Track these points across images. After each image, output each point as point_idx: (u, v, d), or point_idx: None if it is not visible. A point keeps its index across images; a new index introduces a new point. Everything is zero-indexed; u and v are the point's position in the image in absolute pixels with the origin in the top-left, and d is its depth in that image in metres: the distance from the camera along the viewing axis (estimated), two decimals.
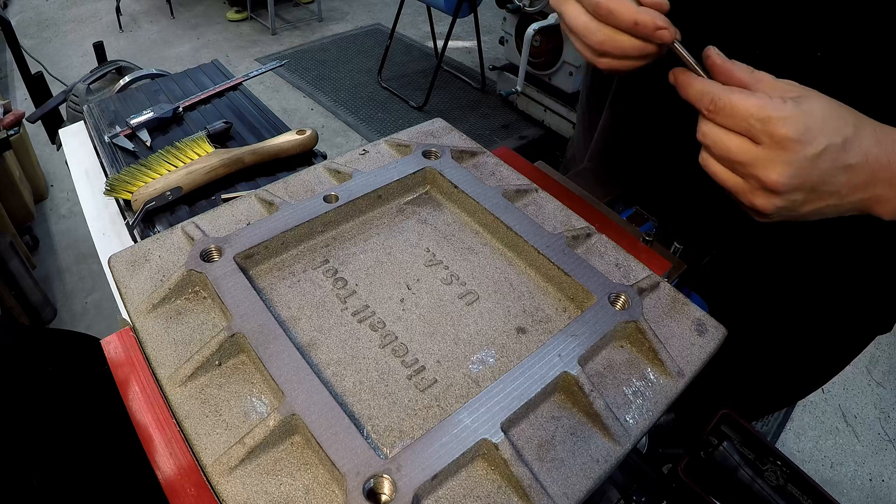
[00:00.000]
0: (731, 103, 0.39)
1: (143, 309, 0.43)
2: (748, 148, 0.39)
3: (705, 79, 0.41)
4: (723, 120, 0.40)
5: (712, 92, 0.40)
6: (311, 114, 2.84)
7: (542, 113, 2.61)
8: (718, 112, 0.40)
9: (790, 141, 0.37)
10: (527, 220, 0.50)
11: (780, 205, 0.40)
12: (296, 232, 0.49)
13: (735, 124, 0.39)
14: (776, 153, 0.37)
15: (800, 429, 1.69)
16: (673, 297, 0.47)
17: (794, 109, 0.37)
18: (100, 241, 0.72)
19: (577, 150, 0.90)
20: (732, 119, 0.39)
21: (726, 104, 0.39)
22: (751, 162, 0.39)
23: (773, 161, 0.38)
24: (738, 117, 0.38)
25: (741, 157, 0.39)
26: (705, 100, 0.40)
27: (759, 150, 0.38)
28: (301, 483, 0.34)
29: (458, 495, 0.34)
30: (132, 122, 0.81)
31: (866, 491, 1.56)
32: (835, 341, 0.73)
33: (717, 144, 0.40)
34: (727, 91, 0.39)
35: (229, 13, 3.68)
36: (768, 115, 0.37)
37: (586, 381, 0.39)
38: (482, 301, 0.47)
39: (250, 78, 0.96)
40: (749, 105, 0.38)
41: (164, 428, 0.38)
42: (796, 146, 0.37)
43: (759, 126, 0.38)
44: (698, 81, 0.41)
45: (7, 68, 3.02)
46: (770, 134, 0.37)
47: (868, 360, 1.86)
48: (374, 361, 0.42)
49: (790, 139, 0.37)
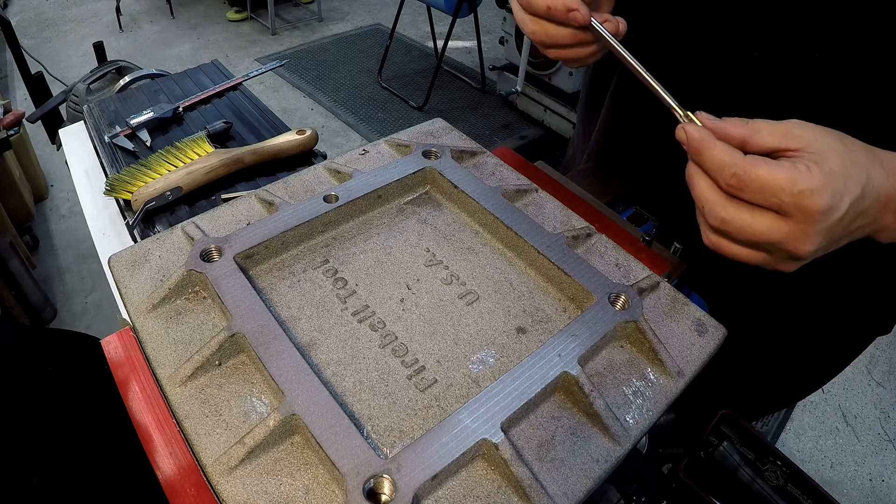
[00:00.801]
0: (760, 178, 0.35)
1: (143, 309, 0.43)
2: (778, 226, 0.36)
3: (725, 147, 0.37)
4: (748, 196, 0.36)
5: (735, 164, 0.36)
6: (311, 114, 2.84)
7: (542, 113, 2.61)
8: (744, 189, 0.36)
9: (823, 213, 0.35)
10: (527, 220, 0.50)
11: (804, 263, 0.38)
12: (296, 232, 0.49)
13: (763, 200, 0.36)
14: (809, 226, 0.35)
15: (800, 429, 1.69)
16: (673, 297, 0.47)
17: (821, 177, 0.35)
18: (100, 241, 0.72)
19: (576, 149, 0.90)
20: (761, 195, 0.35)
21: (753, 178, 0.35)
22: (781, 239, 0.36)
23: (805, 234, 0.36)
24: (768, 193, 0.35)
25: (770, 237, 0.36)
26: (726, 172, 0.36)
27: (789, 227, 0.36)
28: (301, 483, 0.34)
29: (458, 495, 0.34)
30: (132, 122, 0.81)
31: (866, 491, 1.56)
32: (835, 342, 0.73)
33: (744, 230, 0.37)
34: (752, 164, 0.36)
35: (229, 13, 3.68)
36: (801, 189, 0.34)
37: (586, 381, 0.39)
38: (482, 301, 0.47)
39: (250, 78, 0.96)
40: (779, 179, 0.35)
41: (164, 428, 0.38)
42: (828, 215, 0.35)
43: (790, 201, 0.35)
44: (718, 149, 0.37)
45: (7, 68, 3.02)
46: (804, 209, 0.35)
47: (868, 360, 1.86)
48: (374, 361, 0.42)
49: (823, 211, 0.35)
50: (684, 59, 0.61)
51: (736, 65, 0.56)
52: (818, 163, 0.35)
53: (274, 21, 3.51)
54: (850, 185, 0.35)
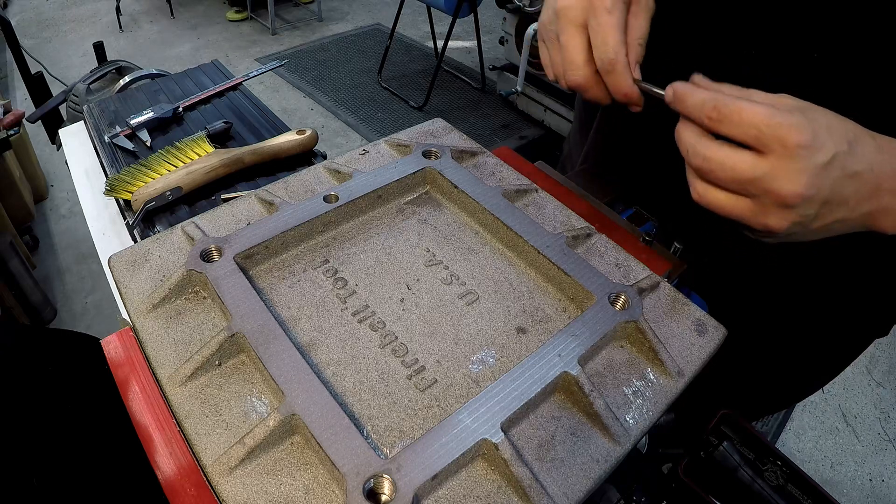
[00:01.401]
0: (739, 109, 0.36)
1: (143, 309, 0.43)
2: (757, 161, 0.36)
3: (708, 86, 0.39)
4: (727, 128, 0.37)
5: (716, 98, 0.37)
6: (311, 114, 2.84)
7: (542, 113, 2.61)
8: (723, 120, 0.37)
9: (802, 147, 0.35)
10: (527, 220, 0.50)
11: (793, 219, 0.37)
12: (296, 232, 0.49)
13: (742, 132, 0.36)
14: (789, 162, 0.35)
15: (800, 429, 1.69)
16: (673, 297, 0.47)
17: (801, 116, 0.35)
18: (100, 241, 0.72)
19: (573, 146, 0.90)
20: (739, 127, 0.36)
21: (732, 111, 0.36)
22: (762, 176, 0.36)
23: (786, 170, 0.35)
24: (746, 125, 0.36)
25: (751, 172, 0.36)
26: (707, 107, 0.37)
27: (769, 161, 0.36)
28: (301, 483, 0.34)
29: (458, 495, 0.34)
30: (132, 122, 0.81)
31: (866, 491, 1.56)
32: (833, 344, 0.73)
33: (724, 164, 0.37)
34: (731, 97, 0.37)
35: (229, 13, 3.68)
36: (778, 121, 0.35)
37: (586, 381, 0.39)
38: (482, 301, 0.47)
39: (250, 78, 0.96)
40: (758, 111, 0.35)
41: (164, 428, 0.38)
42: (808, 152, 0.35)
43: (768, 132, 0.35)
44: (700, 90, 0.38)
45: (7, 68, 3.02)
46: (781, 140, 0.35)
47: (868, 360, 1.86)
48: (374, 361, 0.42)
49: (802, 145, 0.35)
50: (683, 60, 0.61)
51: (735, 64, 0.56)
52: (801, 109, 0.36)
53: (274, 21, 3.51)
54: (834, 136, 0.36)
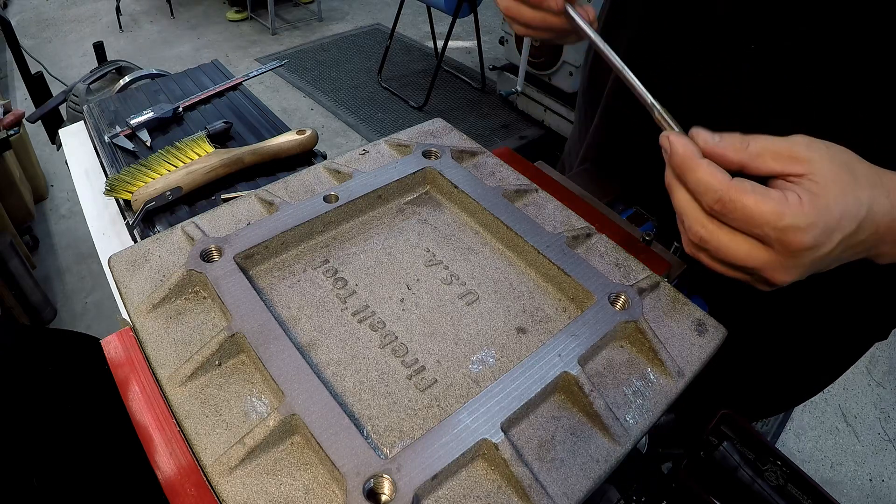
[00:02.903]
0: (745, 208, 0.34)
1: (143, 309, 0.43)
2: (758, 254, 0.35)
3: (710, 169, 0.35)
4: (731, 222, 0.35)
5: (720, 190, 0.34)
6: (311, 114, 2.84)
7: (542, 113, 2.61)
8: (727, 214, 0.35)
9: (806, 250, 0.34)
10: (527, 220, 0.50)
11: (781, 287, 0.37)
12: (296, 232, 0.49)
13: (746, 229, 0.35)
14: (789, 260, 0.34)
15: (800, 429, 1.69)
16: (673, 297, 0.47)
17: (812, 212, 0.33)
18: (100, 241, 0.72)
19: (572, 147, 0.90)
20: (744, 224, 0.34)
21: (738, 207, 0.34)
22: (761, 268, 0.35)
23: (785, 266, 0.35)
24: (752, 223, 0.34)
25: (749, 263, 0.35)
26: (709, 197, 0.35)
27: (769, 256, 0.35)
28: (301, 483, 0.34)
29: (458, 495, 0.34)
30: (132, 122, 0.81)
31: (866, 491, 1.56)
32: (833, 347, 0.73)
33: (722, 251, 0.36)
34: (739, 191, 0.34)
35: (229, 13, 3.68)
36: (786, 224, 0.33)
37: (586, 381, 0.39)
38: (482, 301, 0.47)
39: (250, 78, 0.96)
40: (765, 212, 0.33)
41: (164, 428, 0.38)
42: (812, 252, 0.34)
43: (773, 235, 0.33)
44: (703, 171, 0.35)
45: (7, 68, 3.02)
46: (787, 244, 0.33)
47: (868, 360, 1.86)
48: (374, 361, 0.42)
49: (807, 249, 0.33)
50: (683, 56, 0.61)
51: (735, 62, 0.56)
52: (814, 195, 0.33)
53: (274, 21, 3.51)
54: (844, 223, 0.34)
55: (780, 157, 0.35)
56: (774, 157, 0.35)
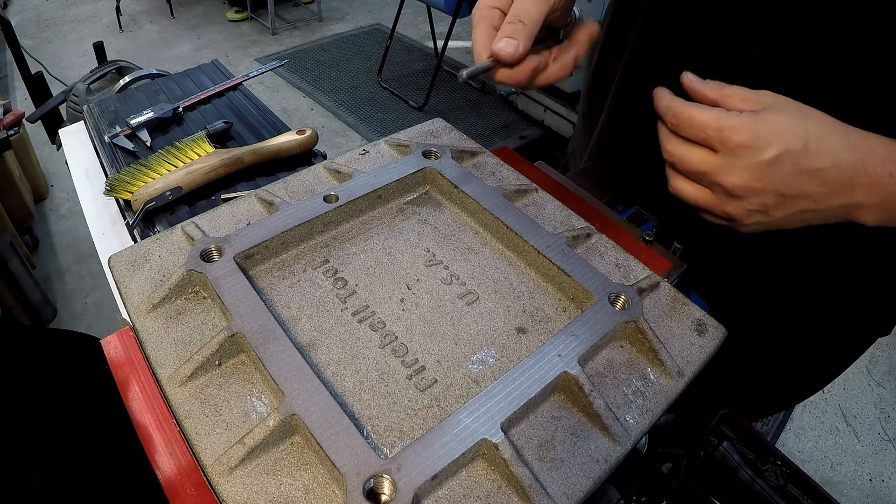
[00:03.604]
0: (690, 116, 0.42)
1: (143, 309, 0.43)
2: (707, 158, 0.42)
3: (671, 95, 0.45)
4: (683, 132, 0.43)
5: (674, 106, 0.44)
6: (311, 114, 2.84)
7: (542, 113, 2.61)
8: (679, 124, 0.43)
9: (742, 147, 0.40)
10: (527, 220, 0.50)
11: (749, 208, 0.42)
12: (296, 232, 0.49)
13: (694, 135, 0.42)
14: (732, 159, 0.41)
15: (800, 429, 1.69)
16: (673, 297, 0.47)
17: (746, 119, 0.40)
18: (100, 241, 0.72)
19: (576, 147, 0.90)
20: (692, 130, 0.42)
21: (685, 117, 0.42)
22: (711, 170, 0.42)
23: (730, 166, 0.41)
24: (697, 128, 0.42)
25: (702, 166, 0.43)
26: (668, 114, 0.44)
27: (717, 158, 0.42)
28: (301, 483, 0.34)
29: (458, 495, 0.34)
30: (132, 122, 0.81)
31: (866, 491, 1.56)
32: (835, 343, 0.73)
33: (682, 159, 0.44)
34: (687, 105, 0.43)
35: (229, 13, 3.68)
36: (721, 124, 0.41)
37: (586, 381, 0.39)
38: (482, 301, 0.47)
39: (250, 78, 0.96)
40: (705, 117, 0.41)
41: (164, 428, 0.38)
42: (749, 151, 0.40)
43: (714, 135, 0.41)
44: (666, 98, 0.44)
45: (7, 68, 3.02)
46: (724, 141, 0.41)
47: (868, 360, 1.86)
48: (374, 361, 0.42)
49: (742, 145, 0.40)
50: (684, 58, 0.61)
51: (736, 62, 0.57)
52: (753, 112, 0.41)
53: (274, 21, 3.51)
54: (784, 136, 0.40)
55: (746, 99, 0.42)
56: (742, 98, 0.42)
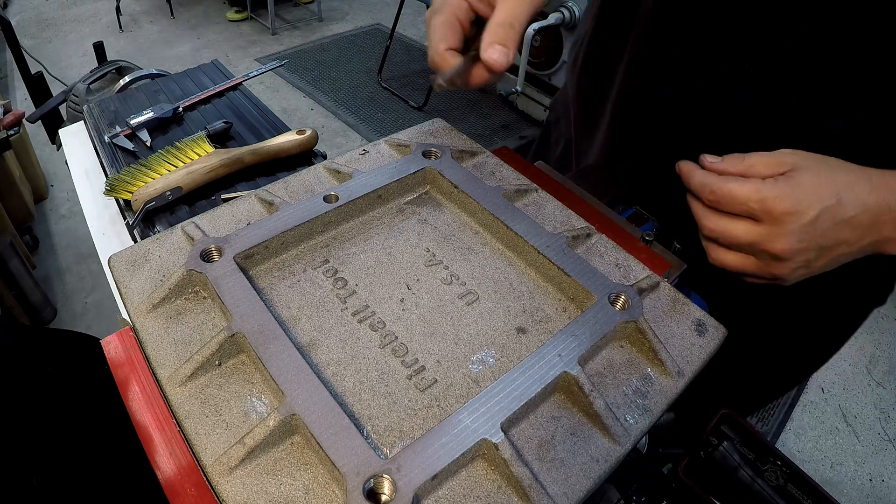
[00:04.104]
0: (730, 191, 0.43)
1: (143, 309, 0.43)
2: (753, 229, 0.43)
3: (703, 171, 0.46)
4: (724, 207, 0.44)
5: (710, 183, 0.44)
6: (311, 114, 2.85)
7: (542, 113, 2.62)
8: (719, 201, 0.44)
9: (787, 214, 0.41)
10: (527, 220, 0.50)
11: (794, 267, 0.44)
12: (296, 232, 0.49)
13: (736, 209, 0.43)
14: (778, 227, 0.42)
15: (800, 429, 1.69)
16: (673, 297, 0.47)
17: (785, 186, 0.42)
18: (100, 241, 0.72)
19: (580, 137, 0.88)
20: (733, 205, 0.43)
21: (725, 193, 0.43)
22: (758, 240, 0.43)
23: (777, 234, 0.42)
24: (738, 202, 0.43)
25: (748, 238, 0.44)
26: (705, 191, 0.45)
27: (762, 228, 0.43)
28: (301, 483, 0.34)
29: (458, 495, 0.34)
30: (132, 122, 0.81)
31: (866, 491, 1.56)
32: (831, 315, 0.73)
33: (725, 233, 0.45)
34: (723, 180, 0.44)
35: (229, 13, 3.68)
36: (763, 195, 0.42)
37: (586, 381, 0.39)
38: (482, 301, 0.47)
39: (250, 78, 0.96)
40: (746, 190, 0.43)
41: (164, 428, 0.38)
42: (793, 217, 0.42)
43: (757, 207, 0.42)
44: (698, 174, 0.46)
45: (7, 68, 3.02)
46: (768, 212, 0.42)
47: (868, 360, 1.86)
48: (374, 361, 0.42)
49: (787, 212, 0.41)
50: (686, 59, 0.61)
51: (739, 63, 0.57)
52: (787, 177, 0.42)
53: (274, 21, 3.51)
54: (820, 195, 0.42)
55: (770, 164, 0.44)
56: (766, 165, 0.44)
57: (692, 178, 0.46)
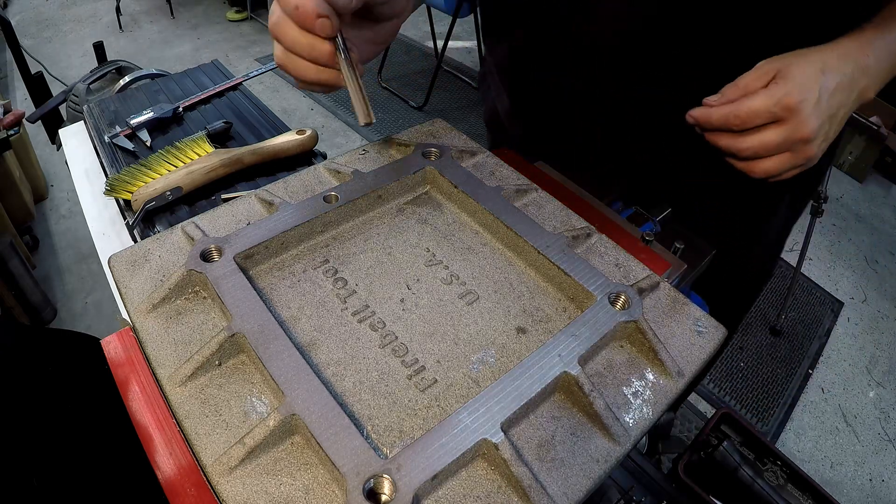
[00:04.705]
0: (750, 108, 0.48)
1: (143, 309, 0.43)
2: (780, 129, 0.49)
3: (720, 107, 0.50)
4: (750, 124, 0.49)
5: (731, 111, 0.49)
6: (311, 114, 2.84)
7: None
8: (747, 120, 0.49)
9: (800, 103, 0.47)
10: (527, 220, 0.50)
11: (819, 142, 0.50)
12: (296, 232, 0.49)
13: (762, 119, 0.48)
14: (798, 116, 0.48)
15: (800, 429, 1.69)
16: (673, 297, 0.47)
17: (786, 84, 0.48)
18: (100, 241, 0.72)
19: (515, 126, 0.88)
20: (757, 118, 0.48)
21: (748, 111, 0.48)
22: (789, 135, 0.48)
23: (800, 122, 0.48)
24: (761, 113, 0.48)
25: (780, 136, 0.49)
26: (731, 119, 0.49)
27: (787, 124, 0.48)
28: (301, 483, 0.34)
29: (458, 495, 0.34)
30: (132, 122, 0.81)
31: (866, 491, 1.56)
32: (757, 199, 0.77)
33: (763, 144, 0.49)
34: (739, 104, 0.49)
35: (229, 13, 3.68)
36: (777, 97, 0.47)
37: (586, 381, 0.39)
38: (482, 301, 0.47)
39: (250, 78, 0.96)
40: (761, 100, 0.48)
41: (164, 428, 0.38)
42: (805, 103, 0.47)
43: (777, 109, 0.48)
44: (714, 111, 0.50)
45: (7, 68, 3.02)
46: (787, 107, 0.47)
47: (868, 360, 1.86)
48: (374, 361, 0.42)
49: (800, 102, 0.47)
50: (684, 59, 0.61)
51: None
52: (782, 77, 0.48)
53: None
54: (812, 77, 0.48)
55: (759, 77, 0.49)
56: (756, 78, 0.49)
57: (711, 116, 0.50)
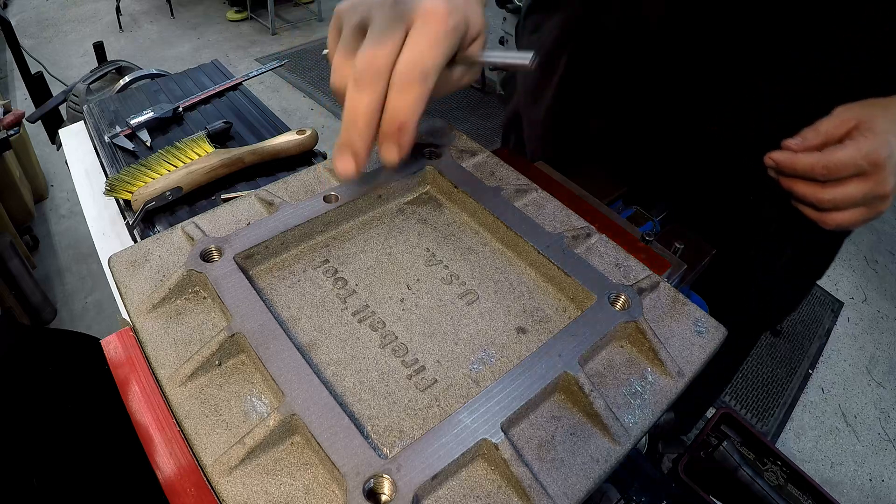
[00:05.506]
0: (839, 160, 0.48)
1: (143, 309, 0.43)
2: (862, 183, 0.49)
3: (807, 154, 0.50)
4: (836, 175, 0.49)
5: (818, 161, 0.49)
6: (312, 114, 2.85)
7: None
8: (834, 170, 0.49)
9: (886, 158, 0.48)
10: (527, 220, 0.50)
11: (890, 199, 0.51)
12: (296, 232, 0.49)
13: (847, 172, 0.48)
14: (882, 172, 0.48)
15: (800, 429, 1.69)
16: (673, 297, 0.47)
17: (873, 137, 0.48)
18: (100, 241, 0.72)
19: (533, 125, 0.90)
20: (844, 170, 0.48)
21: (836, 162, 0.48)
22: (870, 191, 0.49)
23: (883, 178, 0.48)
24: (848, 166, 0.48)
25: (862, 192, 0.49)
26: (818, 168, 0.49)
27: (871, 179, 0.48)
28: (301, 483, 0.34)
29: (458, 495, 0.34)
30: (132, 122, 0.81)
31: (866, 491, 1.56)
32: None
33: (844, 198, 0.50)
34: (827, 154, 0.49)
35: (229, 13, 3.68)
36: (865, 151, 0.47)
37: (586, 381, 0.39)
38: (482, 301, 0.47)
39: (250, 78, 0.96)
40: (849, 153, 0.48)
41: (164, 428, 0.38)
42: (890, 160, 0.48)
43: (865, 163, 0.48)
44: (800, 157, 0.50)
45: (7, 68, 3.02)
46: (874, 163, 0.48)
47: (868, 360, 1.86)
48: (374, 361, 0.42)
49: (887, 157, 0.48)
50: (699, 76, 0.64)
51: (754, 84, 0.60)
52: (871, 129, 0.48)
53: (274, 21, 3.51)
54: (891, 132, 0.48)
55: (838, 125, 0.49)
56: (835, 127, 0.49)
57: (797, 162, 0.50)
